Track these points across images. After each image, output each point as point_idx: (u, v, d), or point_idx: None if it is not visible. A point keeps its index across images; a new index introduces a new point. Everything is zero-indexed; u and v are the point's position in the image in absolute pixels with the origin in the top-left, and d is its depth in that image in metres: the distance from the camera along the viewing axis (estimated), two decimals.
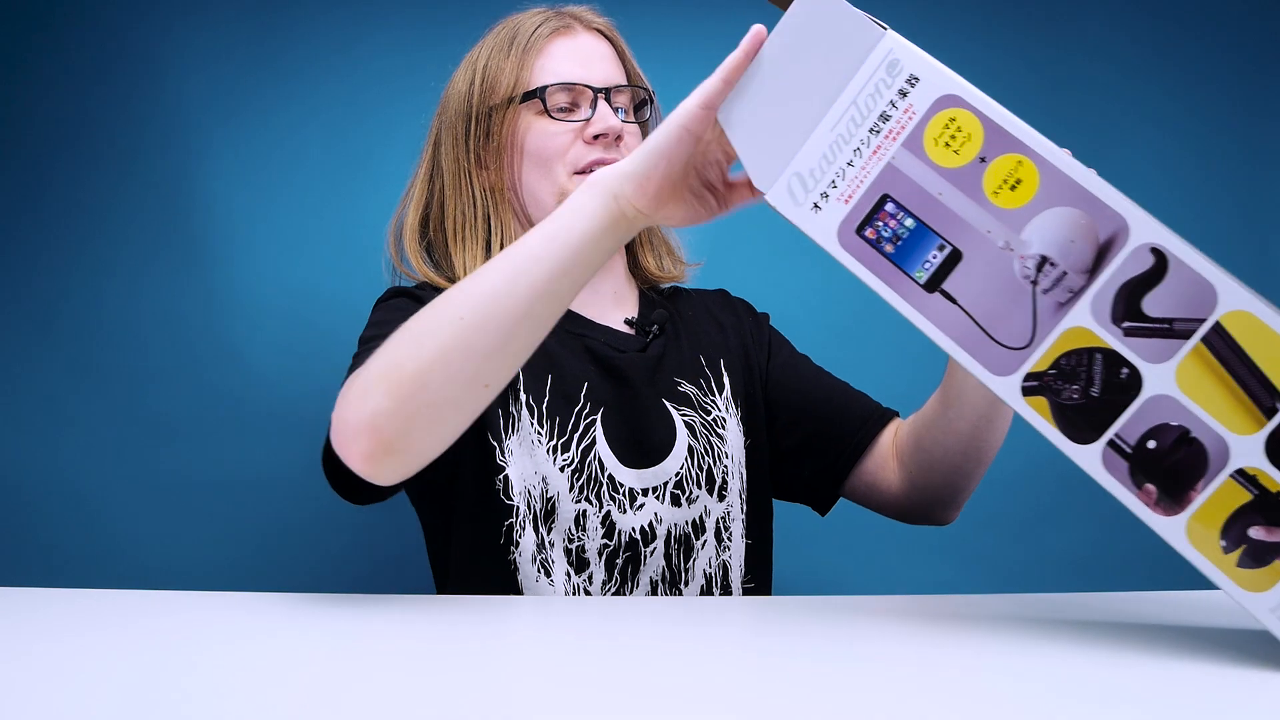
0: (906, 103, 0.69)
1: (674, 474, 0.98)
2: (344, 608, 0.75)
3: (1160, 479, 0.62)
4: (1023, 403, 0.65)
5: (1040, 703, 0.54)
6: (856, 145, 0.70)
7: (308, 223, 1.48)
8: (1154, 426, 0.62)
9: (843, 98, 0.70)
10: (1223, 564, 0.61)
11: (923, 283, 0.68)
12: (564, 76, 1.01)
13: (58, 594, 0.78)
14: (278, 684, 0.57)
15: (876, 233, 0.69)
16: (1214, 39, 1.52)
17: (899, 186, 0.69)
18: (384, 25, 1.51)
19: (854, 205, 0.70)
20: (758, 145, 0.73)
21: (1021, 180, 0.66)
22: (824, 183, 0.71)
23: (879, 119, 0.69)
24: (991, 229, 0.66)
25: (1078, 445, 0.64)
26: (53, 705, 0.52)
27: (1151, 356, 0.62)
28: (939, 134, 0.68)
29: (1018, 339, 0.65)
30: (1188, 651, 0.63)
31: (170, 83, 1.47)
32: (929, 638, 0.70)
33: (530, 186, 1.02)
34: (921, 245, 0.68)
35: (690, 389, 1.04)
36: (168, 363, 1.45)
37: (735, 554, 1.01)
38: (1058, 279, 0.64)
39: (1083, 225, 0.64)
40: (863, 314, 1.48)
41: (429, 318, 0.75)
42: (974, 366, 0.67)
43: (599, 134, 1.00)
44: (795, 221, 0.72)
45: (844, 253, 0.70)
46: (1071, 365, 0.64)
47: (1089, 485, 1.41)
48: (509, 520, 0.96)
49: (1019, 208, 0.66)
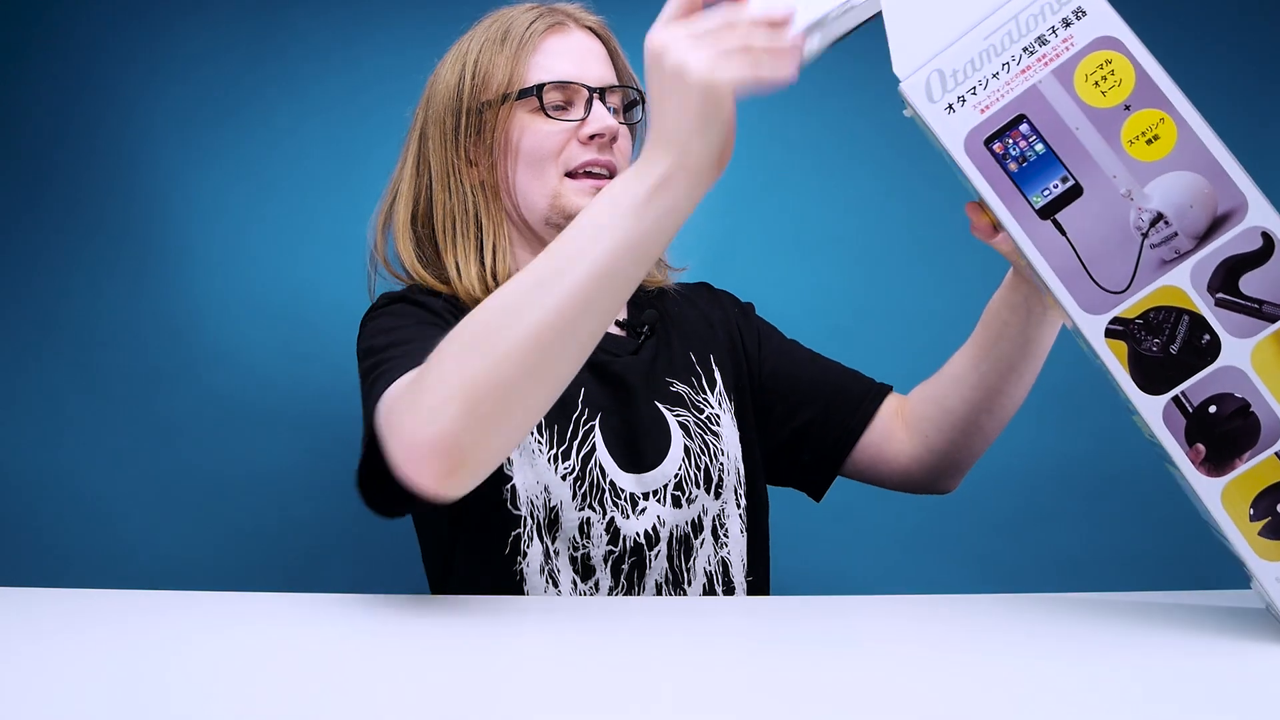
0: (1068, 32, 0.69)
1: (672, 476, 0.97)
2: (344, 607, 0.74)
3: (1212, 442, 0.66)
4: (1103, 343, 0.68)
5: (1040, 702, 0.56)
6: (1007, 60, 0.70)
7: (306, 223, 1.48)
8: (1218, 394, 0.66)
9: (1005, 10, 0.71)
10: (1246, 530, 0.65)
11: (1038, 208, 0.69)
12: (559, 74, 0.98)
13: (58, 594, 0.78)
14: (278, 684, 0.57)
15: (1005, 149, 0.70)
16: (1214, 39, 1.57)
17: (1038, 111, 0.70)
18: (382, 25, 1.50)
19: (989, 116, 0.70)
20: (908, 30, 0.72)
21: (1159, 137, 0.68)
22: (964, 87, 0.71)
23: (1036, 40, 0.70)
24: (1118, 175, 0.68)
25: (1145, 394, 0.67)
26: (53, 705, 0.53)
27: (1235, 330, 0.66)
28: (1091, 71, 0.69)
29: (1115, 283, 0.68)
30: (1187, 651, 0.66)
31: (169, 83, 1.48)
32: (929, 638, 0.71)
33: (522, 187, 1.00)
34: (1046, 172, 0.69)
35: (683, 388, 1.03)
36: (167, 363, 1.46)
37: (734, 550, 1.01)
38: (1168, 238, 0.67)
39: (1205, 194, 0.67)
40: (862, 313, 1.52)
41: (490, 323, 0.69)
42: (1065, 299, 0.69)
43: (594, 134, 0.97)
44: (924, 116, 0.72)
45: (967, 159, 0.71)
46: (1158, 320, 0.67)
47: (1088, 486, 1.49)
48: (516, 530, 0.94)
49: (1150, 162, 0.68)
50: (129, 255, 1.46)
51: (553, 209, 0.99)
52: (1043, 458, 1.45)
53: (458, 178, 1.00)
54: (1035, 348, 0.94)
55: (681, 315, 1.10)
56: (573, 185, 0.98)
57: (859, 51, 0.74)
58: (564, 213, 0.98)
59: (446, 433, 0.67)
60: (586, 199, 0.97)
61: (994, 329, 0.95)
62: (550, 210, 0.99)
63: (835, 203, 1.55)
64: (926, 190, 1.49)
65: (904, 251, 1.54)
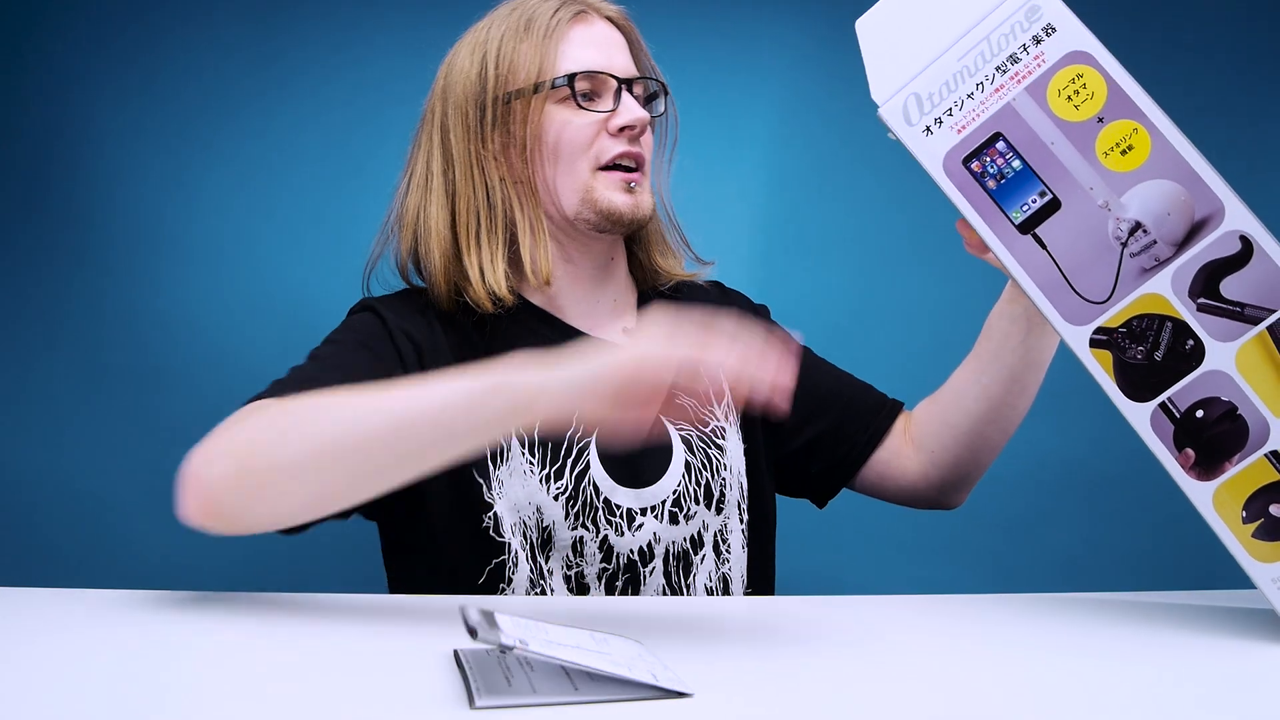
0: (1039, 50, 0.71)
1: (671, 492, 0.96)
2: (344, 607, 0.74)
3: (1200, 446, 0.67)
4: (1088, 353, 0.69)
5: (1041, 702, 0.57)
6: (980, 80, 0.72)
7: (306, 224, 1.46)
8: (1205, 398, 0.67)
9: (976, 31, 0.72)
10: (1240, 532, 0.66)
11: (1018, 223, 0.70)
12: (587, 64, 0.95)
13: (58, 594, 0.77)
14: (278, 683, 0.57)
15: (982, 167, 0.71)
16: (1214, 39, 1.57)
17: (1013, 128, 0.71)
18: (383, 28, 1.49)
19: (965, 136, 0.72)
20: (884, 56, 0.74)
21: (1133, 147, 0.69)
22: (940, 109, 0.72)
23: (1008, 59, 0.71)
24: (1094, 186, 0.69)
25: (1132, 402, 0.68)
26: (52, 705, 0.52)
27: (1218, 334, 0.67)
28: (1063, 87, 0.70)
29: (1097, 293, 0.69)
30: (1187, 650, 0.67)
31: (170, 85, 1.46)
32: (929, 638, 0.72)
33: (552, 181, 0.96)
34: (1023, 188, 0.70)
35: (687, 400, 1.01)
36: (167, 363, 1.43)
37: (735, 566, 0.99)
38: (1147, 246, 0.68)
39: (1182, 201, 0.68)
40: (861, 313, 1.51)
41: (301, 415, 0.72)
42: (1049, 311, 0.70)
43: (625, 125, 0.95)
44: (903, 139, 0.73)
45: (946, 180, 0.72)
46: (1141, 328, 0.68)
47: (1088, 486, 1.50)
48: (499, 558, 0.92)
49: (1125, 172, 0.69)
50: (129, 256, 1.44)
51: (584, 203, 0.96)
52: (1043, 458, 1.45)
53: (483, 172, 0.96)
54: (1037, 357, 0.95)
55: None
56: (604, 178, 0.96)
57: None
58: (595, 207, 0.95)
59: (211, 483, 0.71)
60: (618, 193, 0.95)
61: (995, 341, 0.96)
62: (581, 205, 0.96)
63: (835, 203, 1.55)
64: (927, 191, 1.49)
65: (904, 252, 1.54)
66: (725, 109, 1.52)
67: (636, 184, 0.97)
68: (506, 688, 0.53)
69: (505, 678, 0.55)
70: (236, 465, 0.71)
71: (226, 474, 0.71)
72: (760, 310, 1.14)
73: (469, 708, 0.51)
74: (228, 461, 0.71)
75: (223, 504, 0.71)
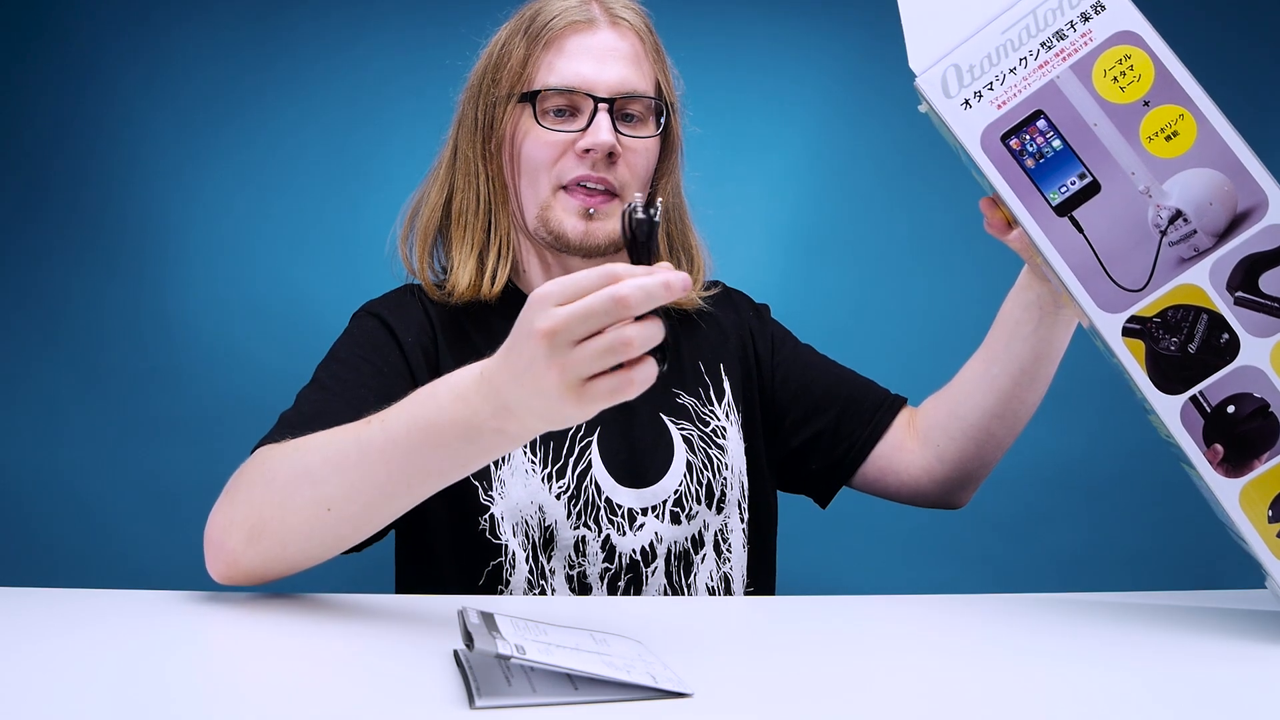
0: (1086, 27, 0.69)
1: (673, 491, 0.95)
2: (344, 607, 0.74)
3: (1230, 442, 0.65)
4: (1120, 342, 0.67)
5: (1041, 702, 0.56)
6: (1024, 55, 0.70)
7: (306, 225, 1.47)
8: (1237, 393, 0.65)
9: (1023, 4, 0.70)
10: (1264, 531, 0.65)
11: (1055, 205, 0.69)
12: (567, 79, 0.93)
13: (58, 594, 0.77)
14: (278, 683, 0.57)
15: (1021, 145, 0.69)
16: (1214, 39, 1.54)
17: (1056, 106, 0.69)
18: (384, 29, 1.49)
19: (1006, 112, 0.70)
20: (924, 24, 0.71)
21: (1179, 133, 0.67)
22: (980, 82, 0.70)
23: (1054, 35, 0.69)
24: (1136, 171, 0.67)
25: (1162, 394, 0.66)
26: (52, 705, 0.52)
27: (1254, 330, 0.65)
28: (1110, 67, 0.68)
29: (1133, 281, 0.67)
30: (1187, 650, 0.66)
31: (170, 86, 1.46)
32: (929, 638, 0.71)
33: (521, 192, 0.96)
34: (1063, 168, 0.69)
35: (689, 400, 1.00)
36: (168, 364, 1.44)
37: (736, 565, 0.98)
38: (1186, 235, 0.66)
39: (1225, 191, 0.66)
40: (861, 312, 1.50)
41: (301, 482, 0.72)
42: (1082, 296, 0.68)
43: (587, 149, 0.92)
44: (939, 111, 0.71)
45: (983, 155, 0.70)
46: (1176, 318, 0.66)
47: (1087, 486, 1.49)
48: (496, 560, 0.91)
49: (1169, 158, 0.67)
50: (129, 256, 1.45)
51: (539, 220, 0.95)
52: (1043, 458, 1.44)
53: (473, 170, 0.97)
54: (1048, 349, 0.92)
55: (692, 319, 1.05)
56: (564, 199, 0.94)
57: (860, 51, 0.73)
58: (547, 226, 0.94)
59: (231, 551, 0.74)
60: (571, 217, 0.93)
61: (1006, 330, 0.94)
62: (537, 221, 0.95)
63: (835, 203, 1.54)
64: (927, 191, 1.48)
65: (904, 252, 1.53)
66: (725, 109, 1.51)
67: (598, 209, 0.93)
68: (506, 688, 0.54)
69: (505, 678, 0.55)
70: (248, 534, 0.73)
71: (241, 543, 0.73)
72: (761, 309, 1.12)
73: (469, 708, 0.51)
74: (241, 532, 0.74)
75: (245, 570, 0.74)
